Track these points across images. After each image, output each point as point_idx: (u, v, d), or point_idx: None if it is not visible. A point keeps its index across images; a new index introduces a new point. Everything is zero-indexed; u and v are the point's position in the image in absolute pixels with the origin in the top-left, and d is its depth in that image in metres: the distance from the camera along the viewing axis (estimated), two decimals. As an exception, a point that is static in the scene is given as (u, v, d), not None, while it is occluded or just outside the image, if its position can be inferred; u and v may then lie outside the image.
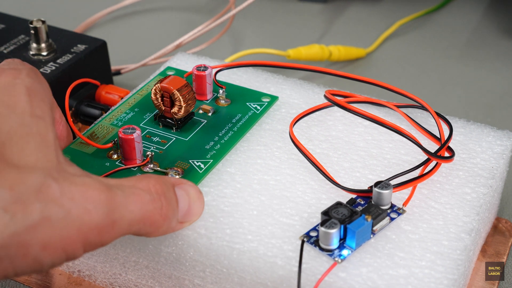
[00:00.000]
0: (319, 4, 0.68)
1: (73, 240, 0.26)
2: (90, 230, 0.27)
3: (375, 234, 0.33)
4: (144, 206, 0.29)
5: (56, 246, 0.26)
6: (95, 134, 0.39)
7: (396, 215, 0.34)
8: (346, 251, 0.32)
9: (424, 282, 0.31)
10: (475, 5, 0.68)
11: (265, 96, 0.42)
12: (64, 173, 0.27)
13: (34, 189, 0.26)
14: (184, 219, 0.32)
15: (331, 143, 0.38)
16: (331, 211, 0.32)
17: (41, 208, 0.25)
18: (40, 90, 0.30)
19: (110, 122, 0.40)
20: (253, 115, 0.40)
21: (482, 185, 0.36)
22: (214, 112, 0.40)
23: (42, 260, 0.26)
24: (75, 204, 0.26)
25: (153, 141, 0.38)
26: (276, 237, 0.33)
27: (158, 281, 0.35)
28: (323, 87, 0.43)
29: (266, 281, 0.32)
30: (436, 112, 0.39)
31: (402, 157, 0.37)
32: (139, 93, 0.42)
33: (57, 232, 0.26)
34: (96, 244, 0.28)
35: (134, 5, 0.68)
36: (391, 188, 0.33)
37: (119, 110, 0.41)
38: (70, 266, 0.38)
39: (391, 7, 0.68)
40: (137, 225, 0.29)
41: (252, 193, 0.35)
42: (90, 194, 0.27)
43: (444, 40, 0.63)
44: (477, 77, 0.58)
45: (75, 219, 0.26)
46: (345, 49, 0.58)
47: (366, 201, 0.34)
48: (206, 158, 0.37)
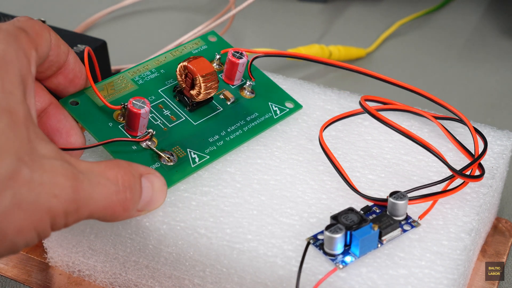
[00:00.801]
0: (319, 4, 0.68)
1: (43, 222, 0.27)
2: (57, 213, 0.28)
3: (383, 244, 0.32)
4: (108, 197, 0.30)
5: (29, 229, 0.27)
6: (113, 85, 0.38)
7: (409, 227, 0.33)
8: (349, 257, 0.31)
9: (424, 282, 0.31)
10: (475, 5, 0.68)
11: (290, 101, 0.41)
12: (35, 156, 0.27)
13: (5, 176, 0.26)
14: (143, 208, 0.33)
15: (331, 143, 0.38)
16: (340, 216, 0.31)
17: (12, 195, 0.26)
18: (13, 60, 0.29)
19: (132, 77, 0.39)
20: (269, 119, 0.39)
21: (482, 185, 0.36)
22: (234, 102, 0.39)
23: (17, 243, 0.27)
24: (44, 189, 0.27)
25: (163, 114, 0.37)
26: (276, 237, 0.33)
27: (158, 281, 0.35)
28: (323, 87, 0.43)
29: (266, 281, 0.32)
30: (474, 127, 0.38)
31: (402, 157, 0.37)
32: (173, 53, 0.41)
33: (29, 216, 0.27)
34: (61, 226, 0.29)
35: (134, 5, 0.68)
36: (407, 199, 0.32)
37: (145, 66, 0.40)
38: (70, 266, 0.38)
39: (391, 7, 0.68)
40: (98, 214, 0.30)
41: (252, 193, 0.35)
42: (58, 180, 0.28)
43: (444, 40, 0.63)
44: (477, 77, 0.58)
45: (44, 203, 0.27)
46: (345, 49, 0.58)
47: (382, 210, 0.33)
48: (204, 153, 0.36)
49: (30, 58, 0.30)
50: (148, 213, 0.34)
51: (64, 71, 0.35)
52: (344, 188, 0.35)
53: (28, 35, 0.31)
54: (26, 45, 0.30)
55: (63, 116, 0.35)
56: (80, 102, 0.36)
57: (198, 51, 0.41)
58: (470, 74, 0.58)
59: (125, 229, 0.34)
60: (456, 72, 0.58)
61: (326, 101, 0.41)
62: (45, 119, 0.35)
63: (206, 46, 0.42)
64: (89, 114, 0.36)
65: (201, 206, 0.34)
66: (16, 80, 0.29)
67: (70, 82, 0.36)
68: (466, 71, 0.58)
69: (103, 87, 0.38)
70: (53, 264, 0.39)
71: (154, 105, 0.38)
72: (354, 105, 0.41)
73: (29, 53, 0.30)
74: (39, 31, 0.32)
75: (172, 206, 0.34)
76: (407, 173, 0.36)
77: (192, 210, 0.34)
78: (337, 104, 0.41)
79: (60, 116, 0.35)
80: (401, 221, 0.33)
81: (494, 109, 0.54)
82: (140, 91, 0.38)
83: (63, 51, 0.34)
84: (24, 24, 0.31)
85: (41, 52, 0.32)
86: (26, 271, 0.39)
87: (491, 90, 0.56)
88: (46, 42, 0.32)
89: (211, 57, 0.41)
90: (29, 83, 0.30)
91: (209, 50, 0.42)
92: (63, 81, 0.35)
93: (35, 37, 0.31)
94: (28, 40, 0.30)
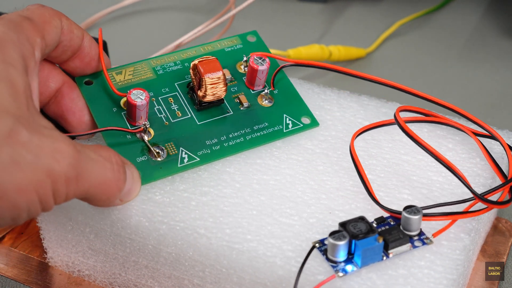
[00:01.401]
0: (319, 4, 0.68)
1: (44, 184, 0.27)
2: (58, 177, 0.28)
3: (389, 257, 0.31)
4: (104, 172, 0.31)
5: (29, 189, 0.27)
6: (132, 71, 0.38)
7: (421, 243, 0.32)
8: (350, 266, 0.31)
9: (424, 282, 0.31)
10: (475, 5, 0.68)
11: (308, 116, 0.39)
12: (34, 123, 0.28)
13: (2, 134, 0.26)
14: (123, 197, 0.33)
15: (331, 143, 0.38)
16: (349, 223, 0.31)
17: (10, 152, 0.26)
18: (13, 40, 0.30)
19: (154, 66, 0.38)
20: (277, 131, 0.38)
21: (481, 185, 0.36)
22: (247, 108, 0.38)
23: (18, 203, 0.27)
24: (43, 152, 0.27)
25: (170, 108, 0.37)
26: (275, 237, 0.33)
27: (157, 281, 0.35)
28: (323, 87, 0.43)
29: (265, 281, 0.32)
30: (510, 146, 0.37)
31: (402, 157, 0.37)
32: (204, 47, 0.40)
33: (28, 176, 0.27)
34: (62, 195, 0.29)
35: (134, 5, 0.68)
36: (421, 214, 0.32)
37: (171, 57, 0.39)
38: (69, 266, 0.38)
39: (391, 7, 0.68)
40: (94, 189, 0.30)
41: (252, 193, 0.35)
42: (59, 145, 0.28)
43: (444, 40, 0.63)
44: (477, 77, 0.58)
45: (44, 165, 0.27)
46: (345, 49, 0.58)
47: (397, 222, 0.33)
48: (196, 154, 0.36)
49: (34, 44, 0.31)
50: (146, 213, 0.34)
51: (80, 55, 0.36)
52: (343, 188, 0.35)
53: (33, 23, 0.31)
54: (29, 32, 0.31)
55: (77, 95, 0.36)
56: (94, 83, 0.37)
57: (231, 49, 0.41)
58: (470, 74, 0.58)
59: (125, 229, 0.34)
60: (456, 72, 0.58)
61: (326, 101, 0.41)
62: (60, 99, 0.36)
63: (242, 46, 0.41)
64: (97, 96, 0.37)
65: (200, 206, 0.34)
66: (17, 57, 0.29)
67: (86, 65, 0.36)
68: (466, 71, 0.58)
69: (121, 71, 0.38)
70: (53, 264, 0.39)
71: (165, 97, 0.38)
72: (353, 105, 0.41)
73: (33, 40, 0.31)
74: (48, 18, 0.32)
75: (172, 206, 0.34)
76: (407, 173, 0.36)
77: (191, 210, 0.34)
78: (336, 104, 0.41)
79: (73, 95, 0.36)
80: (413, 236, 0.32)
81: (494, 109, 0.54)
82: (156, 81, 0.38)
83: (77, 36, 0.35)
84: (32, 13, 0.32)
85: (49, 39, 0.32)
86: (26, 271, 0.39)
87: (491, 90, 0.56)
88: (55, 28, 0.33)
89: (242, 57, 0.40)
90: (31, 65, 0.30)
91: (243, 50, 0.41)
92: (80, 64, 0.36)
93: (42, 25, 0.32)
94: (33, 28, 0.31)
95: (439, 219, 0.32)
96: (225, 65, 0.40)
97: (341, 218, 0.34)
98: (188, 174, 0.36)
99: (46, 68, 0.35)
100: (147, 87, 0.38)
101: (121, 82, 0.37)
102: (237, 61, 0.40)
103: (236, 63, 0.40)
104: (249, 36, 0.42)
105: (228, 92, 0.39)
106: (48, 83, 0.35)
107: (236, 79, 0.40)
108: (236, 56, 0.41)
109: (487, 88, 0.56)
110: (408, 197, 0.35)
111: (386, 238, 0.31)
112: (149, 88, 0.38)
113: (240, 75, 0.40)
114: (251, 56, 0.39)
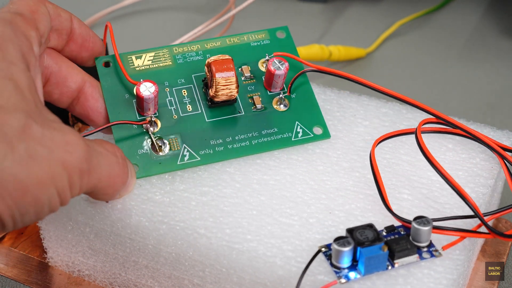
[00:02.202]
0: (319, 4, 0.68)
1: (61, 176, 0.28)
2: (73, 169, 0.28)
3: (395, 267, 0.31)
4: (111, 165, 0.32)
5: (47, 183, 0.27)
6: (152, 56, 0.37)
7: (429, 255, 0.31)
8: (353, 273, 0.30)
9: (423, 282, 0.31)
10: (475, 5, 0.68)
11: (321, 127, 0.38)
12: (43, 118, 0.28)
13: (17, 129, 0.27)
14: (122, 192, 0.34)
15: (331, 143, 0.38)
16: (356, 230, 0.31)
17: (26, 148, 0.27)
18: (12, 38, 0.30)
19: (175, 53, 0.38)
20: (285, 139, 0.37)
21: (481, 185, 0.36)
22: (260, 110, 0.37)
23: (40, 198, 0.27)
24: (56, 145, 0.28)
25: (181, 101, 0.37)
26: (275, 237, 0.33)
27: (157, 281, 0.35)
28: (323, 87, 0.42)
29: (265, 281, 0.32)
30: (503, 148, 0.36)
31: (401, 157, 0.37)
32: (230, 39, 0.39)
33: (45, 169, 0.27)
34: (77, 188, 0.29)
35: (134, 5, 0.68)
36: (431, 226, 0.31)
37: (194, 46, 0.38)
38: (69, 266, 0.38)
39: (391, 7, 0.68)
40: (103, 182, 0.31)
41: (252, 193, 0.35)
42: (70, 138, 0.28)
43: (444, 40, 0.63)
44: (477, 77, 0.58)
45: (58, 157, 0.28)
46: (345, 49, 0.58)
47: (407, 232, 0.32)
48: (198, 154, 0.36)
49: (31, 39, 0.31)
50: (146, 213, 0.34)
51: (73, 37, 0.36)
52: (343, 188, 0.35)
53: (24, 17, 0.31)
54: (24, 27, 0.31)
55: (99, 94, 0.36)
56: (112, 65, 0.37)
57: (257, 44, 0.39)
58: (470, 74, 0.58)
59: (125, 229, 0.34)
60: (456, 72, 0.58)
61: (326, 101, 0.41)
62: (83, 100, 0.36)
63: (269, 42, 0.39)
64: (112, 80, 0.36)
65: (200, 206, 0.34)
66: (17, 54, 0.29)
67: (81, 47, 0.36)
68: (466, 71, 0.58)
69: (141, 56, 0.37)
70: (53, 264, 0.39)
71: (179, 89, 0.37)
72: (353, 105, 0.41)
73: (29, 34, 0.31)
74: (35, 7, 0.32)
75: (172, 206, 0.34)
76: (406, 173, 0.36)
77: (191, 210, 0.34)
78: (336, 104, 0.41)
79: (97, 94, 0.36)
80: (421, 248, 0.31)
81: (494, 109, 0.54)
82: (174, 70, 0.38)
83: (65, 18, 0.35)
84: (19, 6, 0.32)
85: (42, 28, 0.32)
86: (26, 271, 0.39)
87: (491, 90, 0.56)
88: (44, 16, 0.33)
89: (266, 54, 0.39)
90: (32, 61, 0.31)
91: (269, 46, 0.39)
92: (75, 47, 0.36)
93: (32, 16, 0.32)
94: (26, 22, 0.31)
95: (448, 234, 0.32)
96: (247, 61, 0.39)
97: (340, 218, 0.34)
98: (188, 174, 0.36)
99: (64, 69, 0.35)
100: (164, 76, 0.37)
101: (139, 68, 0.37)
102: (261, 58, 0.39)
103: (259, 59, 0.39)
104: (278, 31, 0.40)
105: (244, 91, 0.38)
106: (67, 83, 0.35)
107: (255, 77, 0.38)
108: (260, 52, 0.39)
109: (487, 88, 0.56)
110: (408, 197, 0.35)
111: (393, 248, 0.31)
112: (165, 77, 0.37)
113: (260, 73, 0.39)
114: (271, 58, 0.37)
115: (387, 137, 0.37)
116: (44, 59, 0.35)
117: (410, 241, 0.31)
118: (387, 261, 0.31)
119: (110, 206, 0.34)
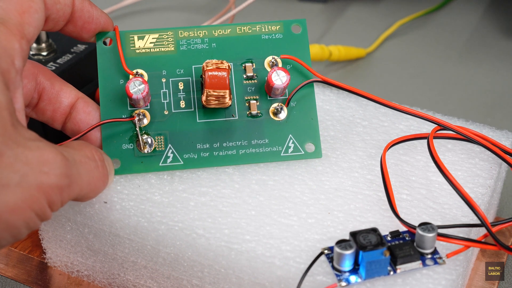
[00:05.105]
0: (319, 4, 0.68)
1: (38, 200, 0.28)
2: (51, 189, 0.28)
3: (397, 273, 0.31)
4: (91, 171, 0.31)
5: (22, 208, 0.27)
6: (155, 39, 0.36)
7: (432, 262, 0.31)
8: (354, 277, 0.30)
9: (422, 283, 0.31)
10: (475, 5, 0.68)
11: (314, 144, 0.36)
12: (18, 138, 0.28)
13: None
14: None
15: (330, 143, 0.38)
16: (360, 234, 0.30)
17: None
18: None
19: (179, 38, 0.36)
20: (274, 153, 0.35)
21: (480, 185, 0.36)
22: (255, 117, 0.36)
23: (15, 223, 0.27)
24: (30, 168, 0.27)
25: (176, 95, 0.35)
26: (274, 238, 0.33)
27: (156, 281, 0.35)
28: (322, 87, 0.42)
29: (264, 282, 0.32)
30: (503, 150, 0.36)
31: (401, 157, 0.37)
32: (240, 28, 0.36)
33: (19, 196, 0.27)
34: (58, 203, 0.29)
35: (134, 5, 0.68)
36: (436, 233, 0.31)
37: (201, 32, 0.36)
38: (68, 267, 0.38)
39: (391, 7, 0.68)
40: (85, 189, 0.31)
41: (251, 193, 0.35)
42: (46, 157, 0.28)
43: (444, 40, 0.63)
44: (476, 77, 0.58)
45: (34, 181, 0.27)
46: (345, 49, 0.58)
47: (412, 238, 0.32)
48: (182, 157, 0.35)
49: (12, 52, 0.29)
50: (145, 214, 0.34)
51: (72, 20, 0.35)
52: (342, 189, 0.35)
53: (7, 26, 0.30)
54: (4, 40, 0.29)
55: (93, 108, 0.36)
56: (112, 45, 0.36)
57: (268, 37, 0.36)
58: (470, 74, 0.58)
59: (124, 230, 0.34)
60: (456, 72, 0.58)
61: (325, 101, 0.41)
62: (75, 114, 0.36)
63: (281, 36, 0.36)
64: (110, 62, 0.36)
65: (199, 206, 0.34)
66: None
67: (81, 29, 0.35)
68: (466, 71, 0.58)
69: (144, 36, 0.36)
70: (52, 264, 0.39)
71: (176, 80, 0.35)
72: (352, 105, 0.41)
73: (10, 47, 0.29)
74: (26, 6, 0.31)
75: (171, 206, 0.34)
76: (406, 173, 0.36)
77: (190, 210, 0.34)
78: (335, 104, 0.41)
79: (89, 108, 0.36)
80: (425, 254, 0.31)
81: (494, 109, 0.54)
82: (175, 58, 0.36)
83: (64, 4, 0.33)
84: (3, 11, 0.30)
85: (30, 32, 0.31)
86: (26, 271, 0.39)
87: (491, 90, 0.56)
88: (35, 14, 0.31)
89: (276, 51, 0.36)
90: (11, 76, 0.29)
91: (281, 41, 0.36)
92: (74, 29, 0.35)
93: (20, 19, 0.30)
94: (7, 32, 0.29)
95: (454, 242, 0.32)
96: (254, 56, 0.36)
97: (339, 219, 0.34)
98: (187, 174, 0.36)
99: (57, 86, 0.35)
100: (163, 63, 0.36)
101: (139, 50, 0.36)
102: (269, 54, 0.37)
103: (267, 56, 0.37)
104: (294, 25, 0.37)
105: (243, 91, 0.36)
106: (60, 98, 0.35)
107: (257, 76, 0.36)
108: (270, 48, 0.36)
109: (487, 88, 0.56)
110: (407, 197, 0.35)
111: (396, 253, 0.30)
112: (165, 65, 0.36)
113: (263, 73, 0.36)
114: (275, 66, 0.35)
115: (399, 142, 0.36)
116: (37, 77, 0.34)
117: (414, 247, 0.31)
118: (389, 266, 0.31)
119: (109, 207, 0.34)
